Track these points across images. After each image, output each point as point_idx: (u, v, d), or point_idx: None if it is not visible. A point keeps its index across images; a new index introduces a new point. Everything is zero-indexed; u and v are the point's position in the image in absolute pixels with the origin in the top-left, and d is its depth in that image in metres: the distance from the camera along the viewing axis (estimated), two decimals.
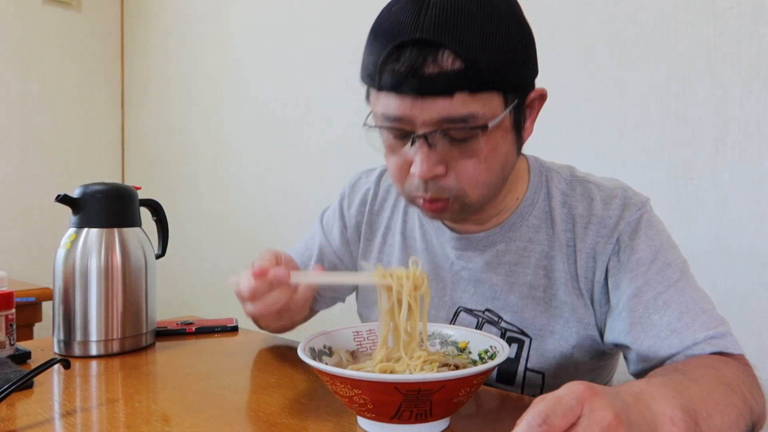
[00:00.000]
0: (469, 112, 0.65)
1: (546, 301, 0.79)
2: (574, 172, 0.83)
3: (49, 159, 2.61)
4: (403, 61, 0.64)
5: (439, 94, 0.64)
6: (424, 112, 0.65)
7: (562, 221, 0.79)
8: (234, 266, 2.27)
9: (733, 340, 0.70)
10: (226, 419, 0.67)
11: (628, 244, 0.74)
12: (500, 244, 0.81)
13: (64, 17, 2.66)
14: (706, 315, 0.70)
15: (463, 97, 0.64)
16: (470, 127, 0.66)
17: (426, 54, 0.63)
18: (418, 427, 0.60)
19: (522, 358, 0.80)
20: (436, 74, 0.63)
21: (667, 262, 0.73)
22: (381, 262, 0.93)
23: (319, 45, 1.96)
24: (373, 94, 0.70)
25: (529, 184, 0.82)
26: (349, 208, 0.98)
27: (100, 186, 0.98)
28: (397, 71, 0.64)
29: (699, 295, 0.73)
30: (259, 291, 0.72)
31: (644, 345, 0.71)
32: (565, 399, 0.43)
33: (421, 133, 0.66)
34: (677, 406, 0.49)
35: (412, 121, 0.67)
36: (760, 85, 1.10)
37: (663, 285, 0.72)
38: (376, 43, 0.67)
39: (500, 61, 0.64)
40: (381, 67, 0.66)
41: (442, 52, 0.63)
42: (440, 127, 0.66)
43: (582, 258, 0.77)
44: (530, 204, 0.81)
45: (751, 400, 0.61)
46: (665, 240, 0.76)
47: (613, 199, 0.77)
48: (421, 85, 0.64)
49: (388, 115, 0.68)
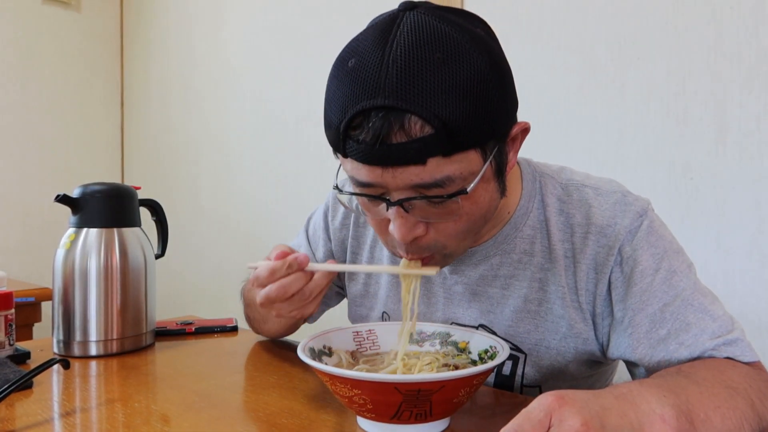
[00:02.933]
0: (445, 176, 0.60)
1: (541, 315, 0.76)
2: (570, 176, 0.79)
3: (48, 159, 2.61)
4: (367, 130, 0.58)
5: (410, 162, 0.58)
6: (397, 179, 0.60)
7: (559, 231, 0.75)
8: (234, 266, 2.28)
9: (745, 346, 0.67)
10: (226, 419, 0.67)
11: (631, 254, 0.71)
12: (495, 258, 0.78)
13: (63, 17, 2.66)
14: (716, 323, 0.68)
15: (437, 162, 0.59)
16: (447, 195, 0.61)
17: (391, 121, 0.57)
18: (417, 427, 0.60)
19: (517, 375, 0.78)
20: (404, 143, 0.57)
21: (672, 269, 0.70)
22: (368, 277, 0.92)
23: (319, 45, 1.96)
24: (341, 157, 0.65)
25: (522, 192, 0.78)
26: (333, 220, 0.96)
27: (100, 186, 0.98)
28: (362, 140, 0.59)
29: (707, 300, 0.69)
30: (278, 271, 0.70)
31: (653, 361, 0.69)
32: (533, 413, 0.44)
33: (395, 200, 0.62)
34: (668, 404, 0.49)
35: (384, 186, 0.62)
36: (759, 85, 1.10)
37: (669, 295, 0.69)
38: (336, 102, 0.61)
39: (475, 116, 0.58)
40: (344, 134, 0.60)
41: (409, 118, 0.56)
42: (415, 192, 0.61)
43: (582, 270, 0.73)
44: (524, 213, 0.77)
45: (759, 406, 0.58)
46: (668, 245, 0.72)
47: (613, 206, 0.73)
48: (390, 156, 0.58)
49: (358, 181, 0.63)
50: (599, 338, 0.75)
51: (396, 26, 0.59)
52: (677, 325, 0.68)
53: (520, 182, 0.79)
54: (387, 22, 0.60)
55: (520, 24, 1.43)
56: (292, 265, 0.70)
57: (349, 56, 0.61)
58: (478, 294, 0.80)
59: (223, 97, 2.34)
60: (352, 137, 0.60)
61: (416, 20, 0.59)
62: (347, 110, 0.59)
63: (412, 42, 0.57)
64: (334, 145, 0.64)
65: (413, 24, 0.59)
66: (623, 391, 0.49)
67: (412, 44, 0.57)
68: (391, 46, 0.58)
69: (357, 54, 0.60)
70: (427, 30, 0.58)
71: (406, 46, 0.57)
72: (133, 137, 2.83)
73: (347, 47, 0.63)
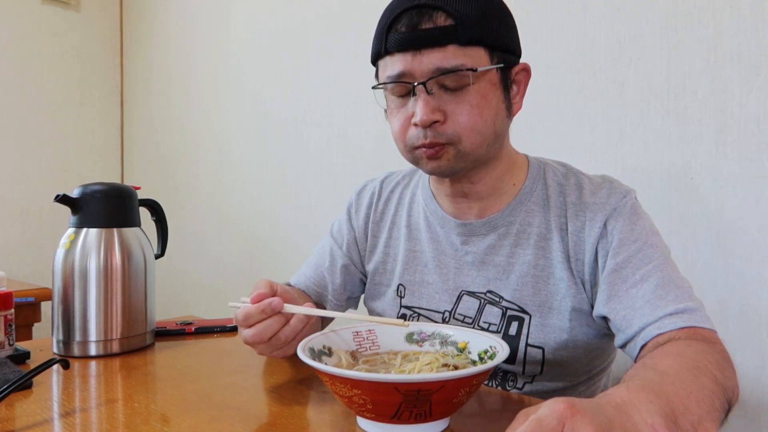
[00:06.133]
0: (460, 62, 0.76)
1: (544, 279, 0.84)
2: (568, 166, 0.91)
3: (48, 159, 2.61)
4: (403, 23, 0.77)
5: (434, 45, 0.75)
6: (422, 64, 0.76)
7: (557, 207, 0.86)
8: (233, 266, 2.28)
9: (704, 316, 0.73)
10: (226, 419, 0.67)
11: (615, 226, 0.81)
12: (501, 228, 0.88)
13: (62, 17, 2.66)
14: (680, 291, 0.75)
15: (454, 49, 0.76)
16: (463, 69, 0.76)
17: (422, 15, 0.76)
18: (417, 427, 0.60)
19: (522, 335, 0.85)
20: (431, 29, 0.75)
21: (649, 243, 0.79)
22: (387, 255, 0.99)
23: (319, 44, 1.96)
24: (381, 63, 0.82)
25: (528, 175, 0.89)
26: (357, 213, 1.05)
27: (100, 186, 0.98)
28: (399, 31, 0.77)
29: (676, 275, 0.78)
30: (252, 317, 0.75)
31: (619, 315, 0.77)
32: (545, 420, 0.44)
33: (420, 82, 0.77)
34: (656, 412, 0.50)
35: (412, 74, 0.77)
36: (759, 85, 1.10)
37: (643, 262, 0.78)
38: (383, 16, 0.81)
39: (486, 23, 0.77)
40: (386, 31, 0.78)
41: (437, 12, 0.75)
42: (436, 75, 0.76)
43: (573, 240, 0.83)
44: (529, 192, 0.88)
45: (721, 378, 0.61)
46: (649, 226, 0.82)
47: (601, 188, 0.85)
48: (419, 40, 0.76)
49: (392, 76, 0.79)
50: (588, 300, 0.84)
51: None
52: (646, 286, 0.76)
53: (527, 167, 0.90)
54: None
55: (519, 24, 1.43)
56: (266, 311, 0.75)
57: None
58: (486, 263, 0.89)
59: (223, 96, 2.34)
60: (394, 29, 0.78)
61: None
62: (395, 11, 0.78)
63: None
64: (377, 47, 0.81)
65: None
66: (617, 402, 0.50)
67: None
68: None
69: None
70: None
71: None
72: (133, 137, 2.83)
73: None
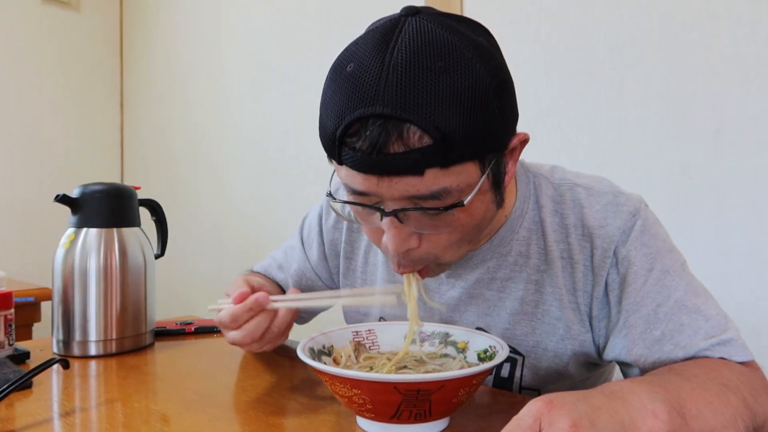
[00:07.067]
0: (442, 187, 0.58)
1: (538, 317, 0.75)
2: (562, 175, 0.78)
3: (48, 159, 2.61)
4: (364, 138, 0.56)
5: (408, 173, 0.57)
6: (392, 189, 0.58)
7: (554, 232, 0.74)
8: (233, 266, 2.28)
9: (740, 346, 0.67)
10: (226, 419, 0.67)
11: (625, 255, 0.70)
12: (491, 260, 0.77)
13: (63, 17, 2.66)
14: (709, 323, 0.67)
15: (434, 173, 0.57)
16: (444, 207, 0.59)
17: (389, 130, 0.55)
18: (417, 427, 0.60)
19: (516, 377, 0.78)
20: (402, 153, 0.56)
21: (665, 269, 0.70)
22: (365, 282, 0.90)
23: (319, 44, 1.96)
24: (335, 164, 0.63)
25: (517, 194, 0.77)
26: (326, 223, 0.95)
27: (99, 186, 0.98)
28: (359, 149, 0.57)
29: (700, 300, 0.69)
30: (240, 317, 0.73)
31: (648, 362, 0.68)
32: (523, 420, 0.44)
33: (390, 209, 0.60)
34: (660, 400, 0.48)
35: (379, 196, 0.60)
36: (757, 86, 1.10)
37: (662, 296, 0.69)
38: (332, 107, 0.59)
39: (474, 128, 0.56)
40: (340, 141, 0.58)
41: (408, 127, 0.55)
42: (411, 203, 0.60)
43: (580, 270, 0.73)
44: (519, 215, 0.76)
45: (752, 402, 0.58)
46: (661, 244, 0.72)
47: (605, 207, 0.73)
48: (387, 166, 0.57)
49: (352, 189, 0.62)
50: (596, 340, 0.75)
51: (397, 32, 0.57)
52: (671, 326, 0.67)
53: (515, 184, 0.77)
54: (388, 27, 0.58)
55: (519, 24, 1.43)
56: (253, 308, 0.72)
57: (347, 60, 0.59)
58: (474, 297, 0.79)
59: (223, 97, 2.34)
60: (348, 144, 0.58)
61: (418, 27, 0.57)
62: (344, 116, 0.57)
63: (414, 49, 0.56)
64: (328, 152, 0.62)
65: (415, 30, 0.57)
66: (614, 389, 0.50)
67: (413, 51, 0.55)
68: (391, 52, 0.56)
69: (356, 59, 0.58)
70: (429, 37, 0.56)
71: (407, 53, 0.55)
72: (132, 137, 2.83)
73: (346, 51, 0.61)
